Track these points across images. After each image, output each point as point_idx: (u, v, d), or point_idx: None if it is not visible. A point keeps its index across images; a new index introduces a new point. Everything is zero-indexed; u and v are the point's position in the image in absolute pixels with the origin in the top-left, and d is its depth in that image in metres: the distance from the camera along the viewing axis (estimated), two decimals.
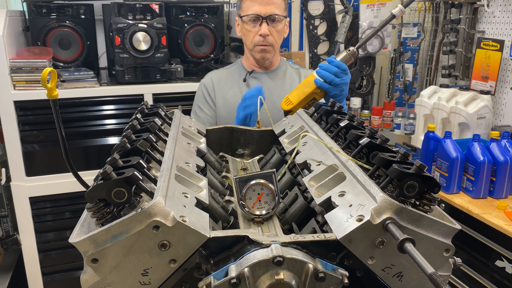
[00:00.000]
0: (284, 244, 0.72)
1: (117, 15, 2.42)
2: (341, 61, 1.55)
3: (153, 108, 1.27)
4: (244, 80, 1.88)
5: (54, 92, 0.88)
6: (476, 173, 2.07)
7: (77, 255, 0.77)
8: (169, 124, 1.20)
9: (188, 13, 2.76)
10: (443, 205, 2.15)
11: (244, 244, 0.74)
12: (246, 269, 0.68)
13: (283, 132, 1.29)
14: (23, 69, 2.28)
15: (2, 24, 2.23)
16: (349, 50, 1.55)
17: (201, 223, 0.74)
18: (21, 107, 2.33)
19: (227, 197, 1.03)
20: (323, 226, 0.86)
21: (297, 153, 1.08)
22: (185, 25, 2.70)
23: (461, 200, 2.09)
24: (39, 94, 2.30)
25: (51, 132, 2.39)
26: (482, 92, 2.54)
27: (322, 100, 1.60)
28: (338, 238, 0.72)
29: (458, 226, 0.78)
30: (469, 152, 2.10)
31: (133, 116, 1.14)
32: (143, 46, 2.44)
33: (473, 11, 2.73)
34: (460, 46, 2.81)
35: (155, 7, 2.48)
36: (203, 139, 1.23)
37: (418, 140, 2.73)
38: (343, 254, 0.75)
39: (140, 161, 0.80)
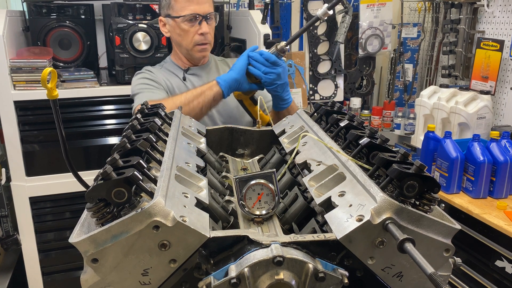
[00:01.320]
0: (284, 244, 0.72)
1: (117, 15, 2.42)
2: (271, 53, 1.55)
3: (153, 108, 1.27)
4: (184, 79, 1.87)
5: (54, 92, 0.88)
6: (476, 173, 2.07)
7: (77, 255, 0.77)
8: (169, 124, 1.20)
9: None
10: (443, 205, 2.15)
11: (244, 244, 0.74)
12: (246, 269, 0.68)
13: (283, 132, 1.29)
14: (23, 69, 2.28)
15: (2, 24, 2.23)
16: (277, 46, 1.54)
17: (201, 223, 0.74)
18: (21, 107, 2.33)
19: (227, 197, 1.03)
20: (323, 226, 0.86)
21: (297, 153, 1.08)
22: None
23: (461, 200, 2.09)
24: (39, 94, 2.30)
25: (51, 132, 2.39)
26: (482, 92, 2.54)
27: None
28: (338, 238, 0.72)
29: (458, 226, 0.78)
30: (469, 152, 2.10)
31: (133, 116, 1.14)
32: (143, 46, 2.44)
33: (473, 11, 2.74)
34: (460, 46, 2.81)
35: (155, 7, 2.48)
36: (203, 139, 1.24)
37: (418, 140, 2.73)
38: (343, 254, 0.75)
39: (140, 161, 0.80)
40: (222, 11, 2.82)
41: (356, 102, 3.29)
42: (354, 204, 0.76)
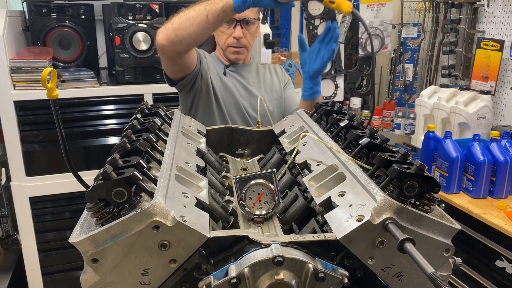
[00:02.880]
0: (284, 244, 0.72)
1: (117, 15, 2.43)
2: None
3: (153, 108, 1.27)
4: (224, 74, 1.87)
5: (54, 92, 0.88)
6: (476, 173, 2.07)
7: (77, 255, 0.77)
8: (169, 124, 1.20)
9: None
10: (443, 205, 2.15)
11: (244, 244, 0.74)
12: (246, 269, 0.68)
13: (283, 132, 1.28)
14: (23, 69, 2.28)
15: (2, 24, 2.23)
16: None
17: (201, 223, 0.74)
18: (21, 107, 2.33)
19: (227, 197, 1.03)
20: (323, 226, 0.86)
21: (297, 153, 1.08)
22: None
23: (461, 200, 2.09)
24: (39, 94, 2.31)
25: (51, 132, 2.39)
26: (482, 92, 2.54)
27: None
28: (338, 238, 0.72)
29: (458, 226, 0.78)
30: (469, 152, 2.10)
31: (133, 116, 1.14)
32: (143, 46, 2.44)
33: (473, 11, 2.73)
34: (460, 46, 2.81)
35: (155, 7, 2.48)
36: (203, 139, 1.23)
37: (418, 140, 2.73)
38: (343, 254, 0.75)
39: (140, 161, 0.80)
40: None
41: (356, 102, 3.29)
42: (354, 204, 0.76)
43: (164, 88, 2.53)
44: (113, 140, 2.50)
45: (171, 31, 1.50)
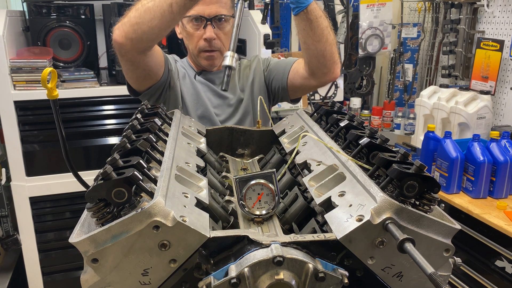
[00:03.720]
0: (284, 244, 0.72)
1: (117, 15, 2.42)
2: None
3: (153, 108, 1.27)
4: (195, 77, 1.66)
5: (54, 92, 0.88)
6: (476, 173, 2.07)
7: (77, 255, 0.77)
8: (169, 124, 1.20)
9: None
10: (443, 205, 2.15)
11: (244, 244, 0.74)
12: (246, 269, 0.68)
13: (283, 132, 1.29)
14: (23, 69, 2.28)
15: (2, 24, 2.24)
16: None
17: (201, 223, 0.74)
18: (21, 107, 2.33)
19: (227, 197, 1.03)
20: (323, 226, 0.86)
21: (297, 153, 1.08)
22: None
23: (461, 200, 2.09)
24: (39, 94, 2.31)
25: (51, 132, 2.39)
26: (482, 92, 2.55)
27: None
28: (338, 238, 0.72)
29: (458, 226, 0.78)
30: (469, 152, 2.10)
31: (133, 116, 1.14)
32: None
33: (473, 11, 2.74)
34: (460, 46, 2.81)
35: None
36: (203, 139, 1.24)
37: (418, 140, 2.73)
38: (343, 254, 0.75)
39: (140, 161, 0.80)
40: None
41: (356, 102, 3.29)
42: (354, 204, 0.76)
43: None
44: (113, 140, 2.50)
45: (129, 27, 1.32)
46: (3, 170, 2.58)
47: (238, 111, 1.69)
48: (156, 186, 0.78)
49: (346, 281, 0.71)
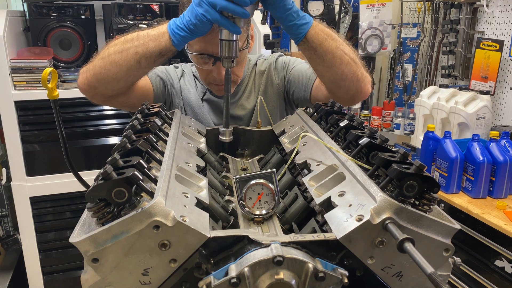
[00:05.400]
0: (284, 244, 0.72)
1: (118, 15, 2.43)
2: None
3: (153, 108, 1.27)
4: (204, 96, 1.55)
5: (55, 92, 0.88)
6: (476, 173, 2.07)
7: (78, 255, 0.78)
8: (170, 124, 1.20)
9: None
10: (443, 205, 2.15)
11: (244, 243, 0.74)
12: (246, 269, 0.68)
13: (283, 132, 1.29)
14: (23, 69, 2.29)
15: (3, 24, 2.24)
16: None
17: (201, 223, 0.74)
18: (22, 107, 2.33)
19: (227, 197, 1.03)
20: (323, 226, 0.86)
21: (297, 153, 1.08)
22: None
23: (460, 200, 2.09)
24: (39, 94, 2.31)
25: (52, 132, 2.40)
26: (482, 92, 2.55)
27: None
28: (337, 238, 0.72)
29: (457, 226, 0.78)
30: (469, 152, 2.10)
31: (134, 116, 1.14)
32: None
33: (472, 11, 2.74)
34: (460, 46, 2.81)
35: (155, 7, 2.48)
36: (203, 139, 1.24)
37: (417, 140, 2.73)
38: (342, 254, 0.75)
39: (141, 161, 0.81)
40: None
41: None
42: (354, 204, 0.76)
43: None
44: (114, 140, 2.51)
45: (92, 76, 1.23)
46: (4, 170, 2.58)
47: (247, 122, 1.59)
48: (156, 186, 0.78)
49: (346, 280, 0.71)
